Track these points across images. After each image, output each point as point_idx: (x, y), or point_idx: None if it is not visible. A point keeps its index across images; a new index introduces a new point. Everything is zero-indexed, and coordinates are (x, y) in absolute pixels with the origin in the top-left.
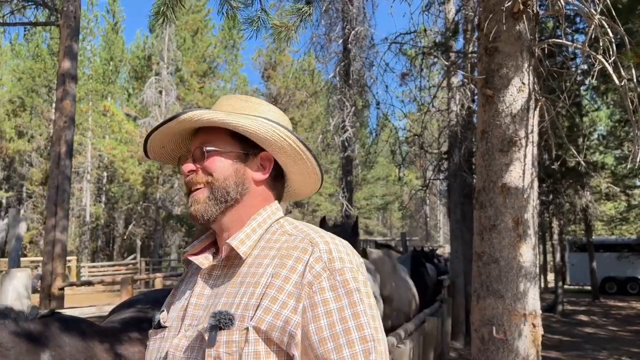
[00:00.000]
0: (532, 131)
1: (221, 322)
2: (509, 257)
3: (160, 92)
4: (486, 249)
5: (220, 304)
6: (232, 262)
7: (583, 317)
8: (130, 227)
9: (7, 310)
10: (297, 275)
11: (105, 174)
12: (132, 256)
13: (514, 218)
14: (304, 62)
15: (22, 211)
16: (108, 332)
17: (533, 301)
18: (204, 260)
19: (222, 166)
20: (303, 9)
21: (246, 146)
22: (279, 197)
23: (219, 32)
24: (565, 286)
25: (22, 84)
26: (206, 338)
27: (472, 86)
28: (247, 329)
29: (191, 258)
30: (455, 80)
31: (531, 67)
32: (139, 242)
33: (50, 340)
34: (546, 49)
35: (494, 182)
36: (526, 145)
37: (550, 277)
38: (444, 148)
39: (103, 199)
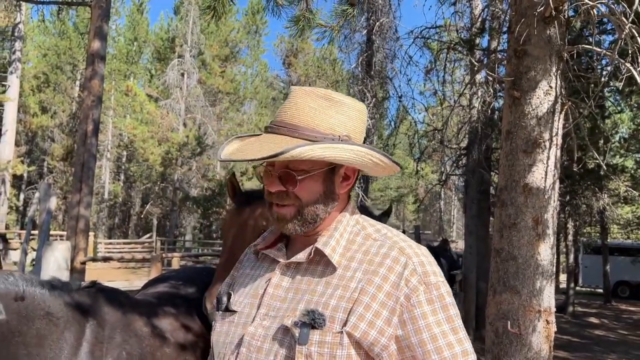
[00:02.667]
0: (556, 134)
1: (316, 321)
2: (527, 255)
3: (182, 74)
4: (505, 246)
5: (304, 301)
6: (313, 258)
7: (593, 320)
8: (147, 206)
9: (55, 281)
10: (389, 285)
11: (124, 153)
12: (148, 235)
13: (534, 217)
14: (325, 51)
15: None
16: (144, 304)
17: (548, 298)
18: (278, 252)
19: (312, 191)
20: (347, 11)
21: (332, 162)
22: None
23: (243, 17)
24: (577, 288)
25: (47, 60)
26: (296, 334)
27: (496, 84)
28: (341, 332)
29: (265, 251)
30: (479, 76)
31: (559, 71)
32: (155, 222)
33: (93, 311)
34: (575, 52)
35: (516, 181)
36: (550, 147)
37: (563, 278)
38: (463, 144)
39: (122, 177)
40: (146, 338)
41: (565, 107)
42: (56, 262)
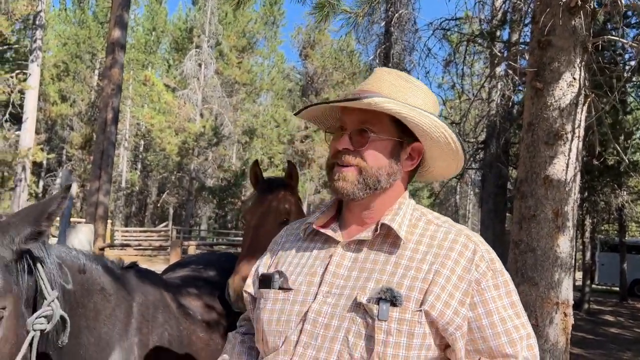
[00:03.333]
0: (579, 126)
1: (396, 299)
2: (546, 247)
3: (200, 65)
4: (524, 238)
5: (373, 279)
6: (376, 239)
7: (609, 317)
8: (163, 195)
9: (106, 259)
10: (461, 269)
11: (142, 142)
12: (164, 224)
13: (554, 209)
14: (342, 43)
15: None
16: (172, 285)
17: (566, 291)
18: (333, 232)
19: (379, 155)
20: None
21: (402, 134)
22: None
23: (260, 8)
24: (593, 285)
25: (67, 49)
26: (374, 311)
27: (516, 77)
28: (420, 311)
29: (322, 230)
30: (498, 69)
31: (583, 63)
32: (171, 211)
33: (138, 290)
34: (599, 44)
35: (537, 173)
36: (572, 139)
37: (579, 275)
38: (481, 137)
39: (139, 166)
40: (182, 319)
41: (589, 99)
42: (80, 244)
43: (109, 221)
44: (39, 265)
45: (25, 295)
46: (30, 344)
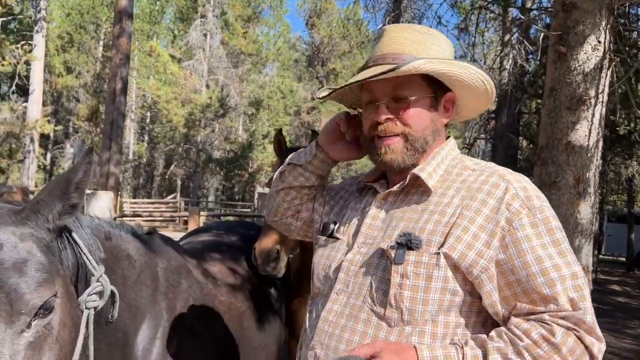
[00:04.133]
0: (602, 91)
1: (412, 242)
2: (567, 214)
3: (205, 35)
4: None
5: (400, 227)
6: (410, 190)
7: (616, 287)
8: (171, 167)
9: (127, 226)
10: (488, 210)
11: (148, 113)
12: (172, 195)
13: (576, 176)
14: (349, 11)
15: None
16: (194, 251)
17: (586, 257)
18: (380, 187)
19: (421, 117)
20: None
21: (435, 89)
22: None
23: None
24: (600, 256)
25: (70, 19)
26: (392, 255)
27: (529, 45)
28: (438, 253)
29: (371, 183)
30: (511, 37)
31: (609, 26)
32: (179, 182)
33: (161, 255)
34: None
35: (559, 139)
36: (595, 104)
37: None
38: (492, 107)
39: (146, 138)
40: (204, 285)
41: (613, 63)
42: (101, 211)
43: (118, 192)
44: (78, 240)
45: (71, 273)
46: (87, 323)
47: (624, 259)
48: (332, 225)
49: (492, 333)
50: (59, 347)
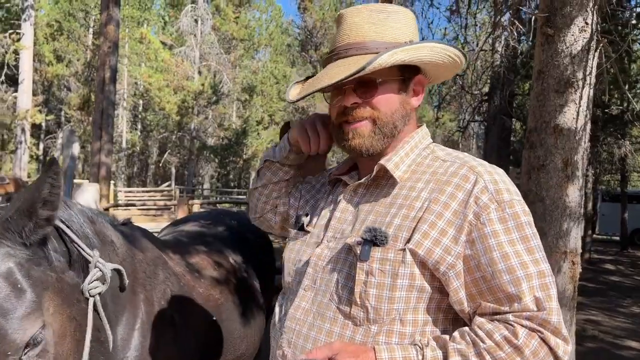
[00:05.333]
0: (590, 73)
1: (377, 238)
2: (555, 197)
3: (196, 20)
4: (532, 188)
5: (368, 221)
6: (379, 182)
7: (609, 266)
8: (165, 155)
9: (106, 215)
10: (456, 204)
11: (140, 102)
12: (166, 183)
13: (564, 159)
14: None
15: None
16: (173, 242)
17: (575, 240)
18: (350, 179)
19: (390, 100)
20: None
21: (403, 71)
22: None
23: None
24: (594, 235)
25: (59, 7)
26: (357, 252)
27: (520, 27)
28: (403, 250)
29: (341, 177)
30: (503, 19)
31: (596, 7)
32: (173, 171)
33: (137, 245)
34: None
35: (547, 122)
36: (583, 87)
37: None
38: (485, 89)
39: (139, 126)
40: (182, 276)
41: (601, 44)
42: (86, 203)
43: (112, 182)
44: (66, 229)
45: (64, 264)
46: (95, 309)
47: (617, 238)
48: (303, 218)
49: (455, 334)
50: None
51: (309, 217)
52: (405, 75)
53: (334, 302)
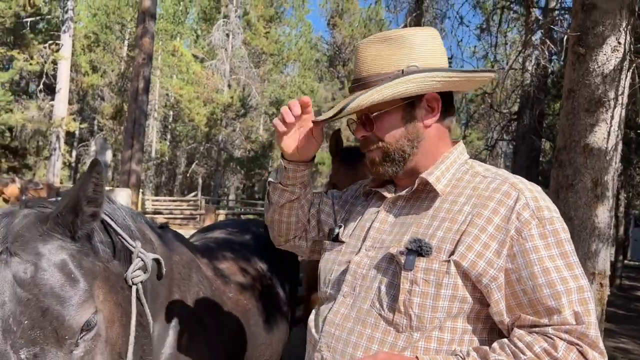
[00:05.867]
0: (622, 93)
1: (422, 249)
2: (584, 217)
3: (227, 35)
4: (560, 207)
5: (410, 232)
6: (419, 195)
7: None
8: (192, 165)
9: (145, 217)
10: (499, 219)
11: (171, 112)
12: (193, 193)
13: (593, 179)
14: (371, 11)
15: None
16: (204, 248)
17: (603, 261)
18: (386, 191)
19: (392, 129)
20: None
21: (407, 96)
22: (451, 124)
23: None
24: (626, 261)
25: (97, 20)
26: (402, 261)
27: (552, 46)
28: (448, 261)
29: (376, 189)
30: (534, 38)
31: (629, 27)
32: (200, 181)
33: (173, 248)
34: None
35: (577, 141)
36: (614, 106)
37: (611, 250)
38: (514, 109)
39: (168, 137)
40: (213, 280)
41: (634, 64)
42: None
43: (140, 190)
44: (110, 222)
45: (109, 254)
46: (138, 296)
47: None
48: (337, 229)
49: (495, 345)
50: (110, 346)
51: (342, 228)
52: (414, 97)
53: (375, 309)
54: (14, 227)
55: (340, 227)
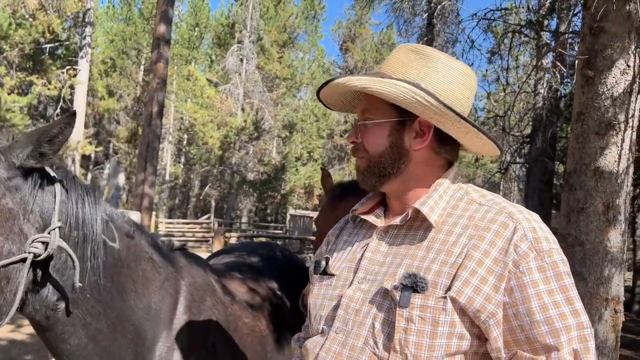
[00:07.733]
0: (632, 115)
1: (418, 285)
2: (596, 241)
3: (242, 59)
4: (572, 231)
5: (404, 265)
6: (412, 224)
7: None
8: (206, 188)
9: (156, 236)
10: (496, 251)
11: (185, 136)
12: (206, 216)
13: (605, 202)
14: (383, 36)
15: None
16: (218, 271)
17: (617, 287)
18: (376, 218)
19: (377, 143)
20: None
21: (403, 113)
22: (452, 160)
23: (301, 2)
24: None
25: (114, 45)
26: (397, 297)
27: (563, 69)
28: (444, 297)
29: (364, 216)
30: (545, 61)
31: (638, 50)
32: (213, 204)
33: (187, 270)
34: None
35: (587, 164)
36: (625, 129)
37: (628, 275)
38: (526, 131)
39: (182, 160)
40: (229, 305)
41: None
42: None
43: (153, 213)
44: (57, 190)
45: (39, 218)
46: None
47: None
48: (323, 262)
49: None
50: None
51: (329, 260)
52: (406, 117)
53: (369, 347)
54: None
55: (326, 259)
